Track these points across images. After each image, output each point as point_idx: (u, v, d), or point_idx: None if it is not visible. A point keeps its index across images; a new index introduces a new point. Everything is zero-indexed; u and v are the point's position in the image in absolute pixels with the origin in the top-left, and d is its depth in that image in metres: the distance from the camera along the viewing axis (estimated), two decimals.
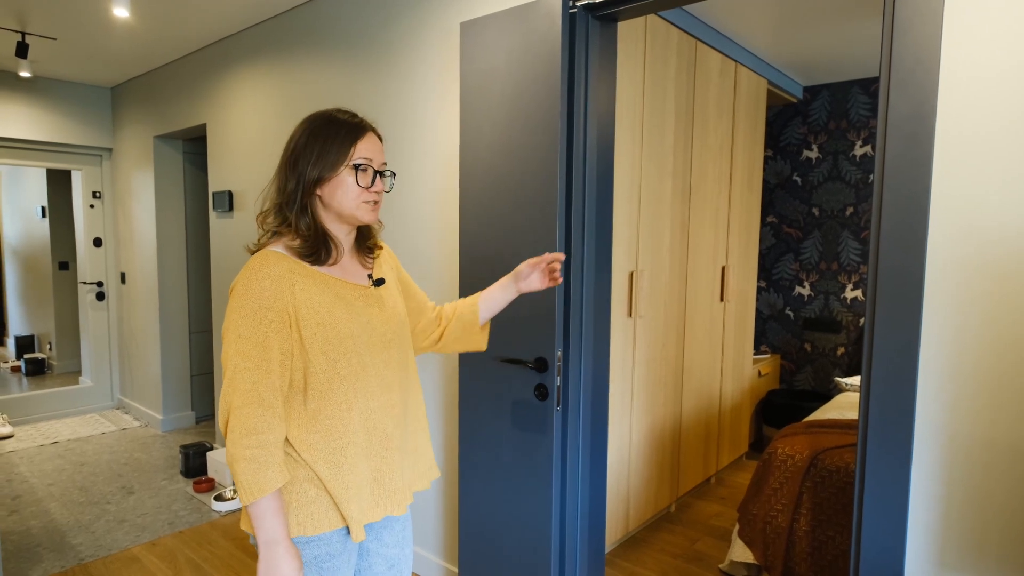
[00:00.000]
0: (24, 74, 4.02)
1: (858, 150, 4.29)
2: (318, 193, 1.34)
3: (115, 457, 4.27)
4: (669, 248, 3.16)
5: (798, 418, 4.18)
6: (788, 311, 4.68)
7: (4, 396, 4.95)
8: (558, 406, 1.98)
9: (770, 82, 4.06)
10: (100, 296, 5.30)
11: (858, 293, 4.35)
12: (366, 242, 1.46)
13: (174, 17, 3.42)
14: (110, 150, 5.18)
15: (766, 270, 4.78)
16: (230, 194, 3.86)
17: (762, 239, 4.78)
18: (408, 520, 1.53)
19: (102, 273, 5.29)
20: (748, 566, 2.75)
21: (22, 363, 6.25)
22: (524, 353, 2.02)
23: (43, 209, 6.12)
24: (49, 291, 6.17)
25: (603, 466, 2.16)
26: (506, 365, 2.07)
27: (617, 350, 2.83)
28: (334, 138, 1.32)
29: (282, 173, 1.35)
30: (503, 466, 2.11)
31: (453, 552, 2.64)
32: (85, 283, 5.25)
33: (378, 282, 1.43)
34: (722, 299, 3.73)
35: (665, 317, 3.17)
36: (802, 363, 4.64)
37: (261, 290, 1.24)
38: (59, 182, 6.00)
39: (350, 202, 1.33)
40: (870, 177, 4.26)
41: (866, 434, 1.49)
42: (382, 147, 1.40)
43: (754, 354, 4.61)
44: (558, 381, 1.97)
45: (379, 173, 1.36)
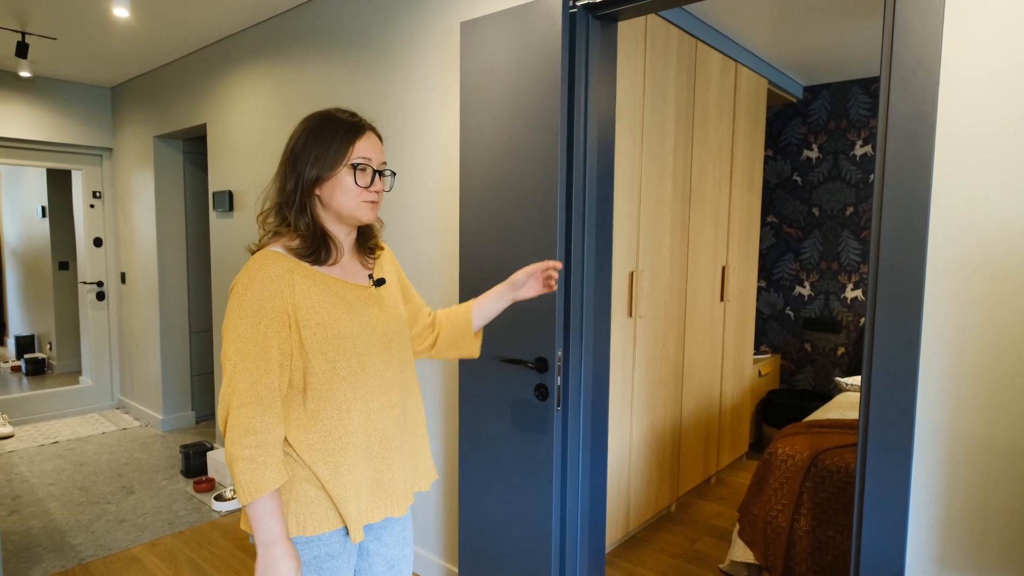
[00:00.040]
0: (24, 74, 4.02)
1: (858, 150, 4.29)
2: (317, 193, 1.34)
3: (115, 457, 4.27)
4: (669, 248, 3.16)
5: (798, 418, 4.18)
6: (788, 311, 4.68)
7: (4, 396, 4.95)
8: (558, 406, 1.98)
9: (770, 82, 4.06)
10: (100, 296, 5.30)
11: (858, 293, 4.35)
12: (367, 242, 1.46)
13: (174, 17, 3.42)
14: (110, 150, 5.18)
15: (766, 270, 4.78)
16: (230, 194, 3.86)
17: (762, 239, 4.78)
18: (408, 521, 1.53)
19: (102, 273, 5.29)
20: (748, 566, 2.75)
21: (22, 363, 6.25)
22: (524, 353, 2.02)
23: (43, 209, 6.12)
24: (49, 291, 6.17)
25: (603, 466, 2.16)
26: (506, 365, 2.07)
27: (617, 350, 2.83)
28: (332, 138, 1.31)
29: (281, 173, 1.35)
30: (503, 466, 2.11)
31: (453, 552, 2.64)
32: (85, 283, 5.25)
33: (379, 282, 1.43)
34: (722, 299, 3.73)
35: (665, 317, 3.17)
36: (802, 363, 4.64)
37: (261, 290, 1.24)
38: (59, 182, 6.00)
39: (349, 202, 1.32)
40: (870, 177, 4.26)
41: (866, 434, 1.49)
42: (381, 146, 1.40)
43: (754, 354, 4.61)
44: (558, 381, 1.97)
45: (378, 172, 1.36)
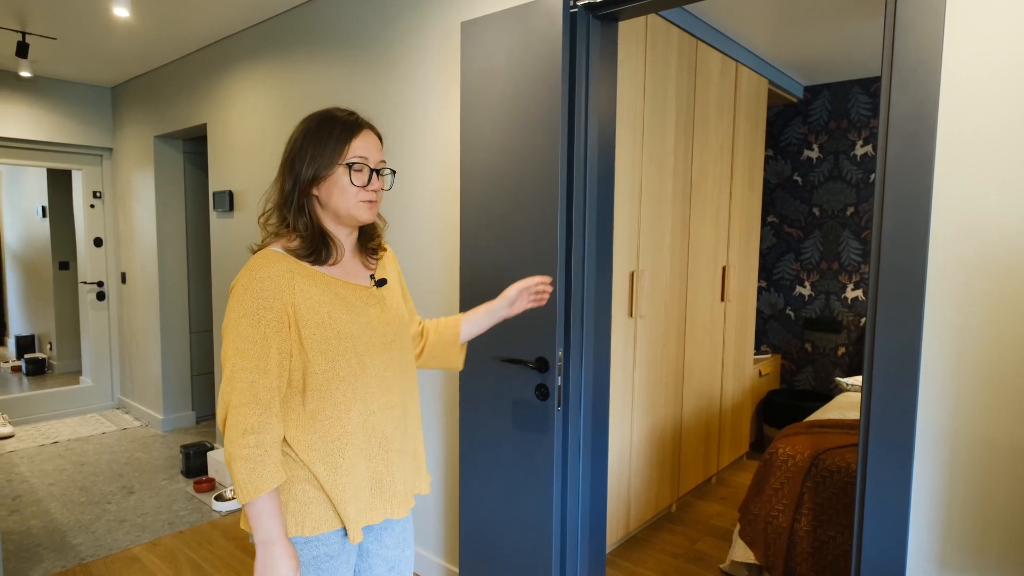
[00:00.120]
0: (24, 74, 4.02)
1: (859, 150, 4.28)
2: (315, 193, 1.33)
3: (115, 457, 4.27)
4: (670, 248, 3.16)
5: (799, 418, 4.18)
6: (789, 311, 4.68)
7: (4, 396, 4.95)
8: (559, 406, 1.98)
9: (771, 82, 4.06)
10: (100, 296, 5.30)
11: (859, 293, 4.34)
12: (370, 243, 1.45)
13: (174, 17, 3.42)
14: (110, 150, 5.18)
15: (767, 270, 4.78)
16: (230, 194, 3.86)
17: (763, 239, 4.78)
18: (409, 522, 1.52)
19: (102, 273, 5.29)
20: (749, 566, 2.75)
21: (22, 363, 6.25)
22: (525, 353, 2.02)
23: (43, 209, 6.12)
24: (49, 291, 6.17)
25: (604, 466, 2.16)
26: (507, 365, 2.07)
27: (618, 350, 2.83)
28: (329, 137, 1.31)
29: (281, 174, 1.35)
30: (504, 466, 2.11)
31: (454, 552, 2.64)
32: (85, 283, 5.25)
33: (380, 282, 1.43)
34: (723, 299, 3.73)
35: (666, 317, 3.17)
36: (803, 363, 4.64)
37: (261, 290, 1.24)
38: (59, 182, 6.00)
39: (346, 201, 1.32)
40: (871, 177, 4.26)
41: (867, 434, 1.49)
42: (380, 145, 1.39)
43: (755, 354, 4.61)
44: (559, 381, 1.97)
45: (376, 171, 1.35)
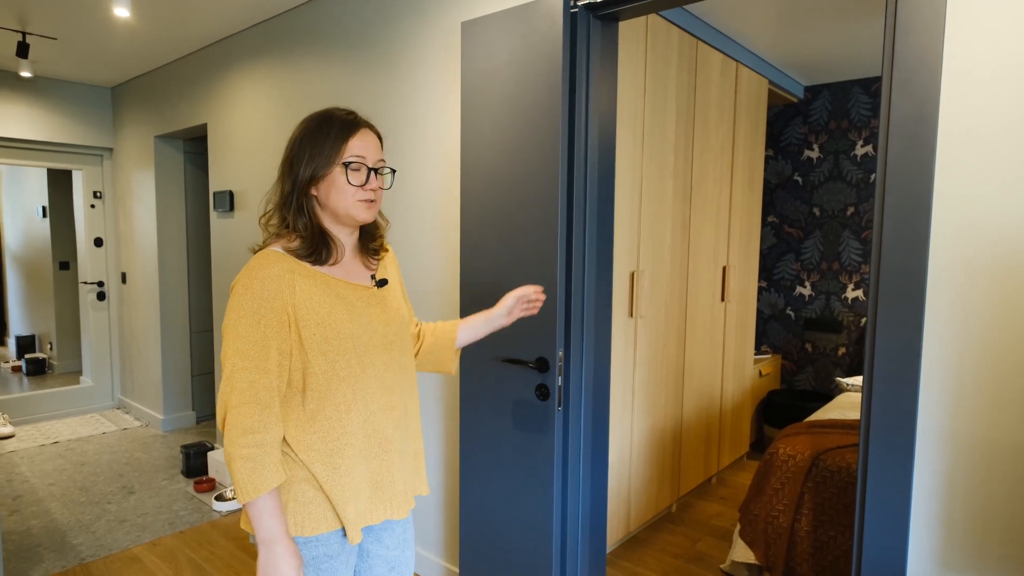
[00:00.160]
0: (25, 74, 4.02)
1: (859, 150, 4.28)
2: (314, 193, 1.33)
3: (116, 457, 4.27)
4: (670, 248, 3.16)
5: (799, 418, 4.18)
6: (789, 311, 4.67)
7: (5, 396, 4.95)
8: (559, 406, 1.98)
9: (771, 82, 4.06)
10: (101, 296, 5.30)
11: (859, 293, 4.34)
12: (371, 243, 1.45)
13: (174, 17, 3.42)
14: (111, 150, 5.18)
15: (767, 270, 4.77)
16: (231, 194, 3.86)
17: (763, 239, 4.78)
18: (410, 523, 1.52)
19: (103, 273, 5.29)
20: (749, 566, 2.74)
21: (23, 363, 6.25)
22: (525, 353, 2.02)
23: (44, 209, 6.12)
24: (50, 291, 6.17)
25: (604, 466, 2.16)
26: (507, 365, 2.07)
27: (618, 350, 2.83)
28: (326, 136, 1.31)
29: (281, 175, 1.36)
30: (504, 466, 2.11)
31: (454, 552, 2.64)
32: (86, 283, 5.25)
33: (381, 283, 1.43)
34: (723, 299, 3.73)
35: (666, 317, 3.17)
36: (803, 363, 4.63)
37: (261, 290, 1.24)
38: (60, 182, 6.00)
39: (344, 201, 1.32)
40: (871, 177, 4.25)
41: (868, 434, 1.49)
42: (379, 144, 1.38)
43: (755, 354, 4.61)
44: (559, 381, 1.97)
45: (374, 171, 1.35)
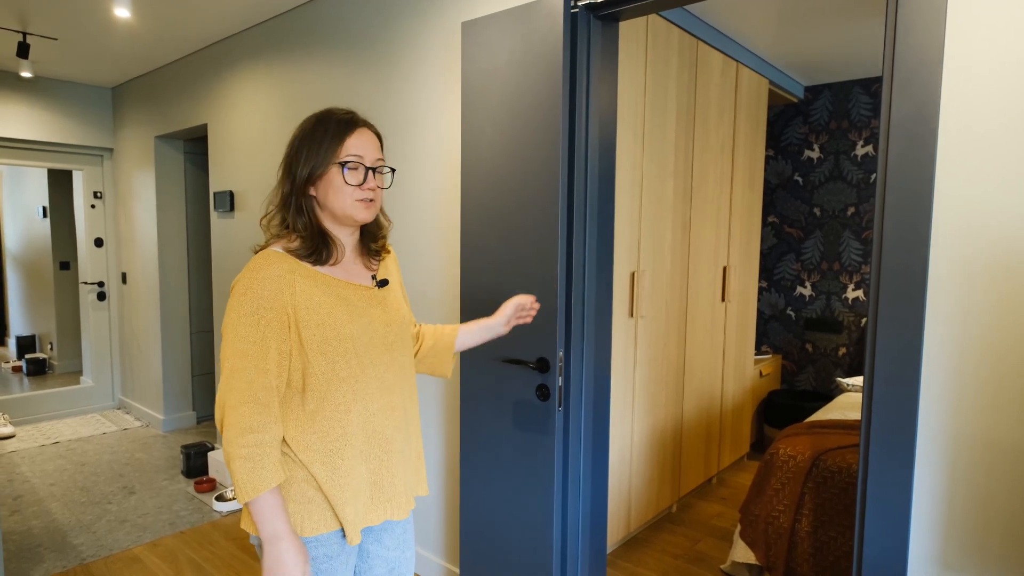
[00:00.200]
0: (25, 74, 4.02)
1: (859, 150, 4.28)
2: (312, 193, 1.33)
3: (116, 457, 4.27)
4: (670, 248, 3.15)
5: (799, 418, 4.18)
6: (789, 311, 4.67)
7: (5, 396, 4.95)
8: (560, 406, 1.98)
9: (771, 82, 4.06)
10: (101, 296, 5.30)
11: (859, 293, 4.34)
12: (372, 243, 1.45)
13: (175, 17, 3.42)
14: (111, 150, 5.18)
15: (767, 270, 4.77)
16: (231, 194, 3.86)
17: (763, 239, 4.78)
18: (410, 523, 1.52)
19: (103, 273, 5.29)
20: (750, 567, 2.74)
21: (23, 363, 6.25)
22: (526, 353, 2.02)
23: (44, 209, 6.12)
24: (50, 291, 6.17)
25: (604, 466, 2.16)
26: (507, 365, 2.07)
27: (618, 350, 2.83)
28: (323, 136, 1.31)
29: (281, 175, 1.36)
30: (504, 466, 2.11)
31: (454, 552, 2.64)
32: (86, 283, 5.25)
33: (381, 283, 1.42)
34: (723, 299, 3.73)
35: (666, 317, 3.17)
36: (803, 363, 4.63)
37: (261, 290, 1.24)
38: (60, 182, 6.00)
39: (342, 200, 1.31)
40: (871, 177, 4.25)
41: (869, 434, 1.49)
42: (378, 143, 1.38)
43: (755, 354, 4.61)
44: (560, 381, 1.97)
45: (372, 170, 1.34)
